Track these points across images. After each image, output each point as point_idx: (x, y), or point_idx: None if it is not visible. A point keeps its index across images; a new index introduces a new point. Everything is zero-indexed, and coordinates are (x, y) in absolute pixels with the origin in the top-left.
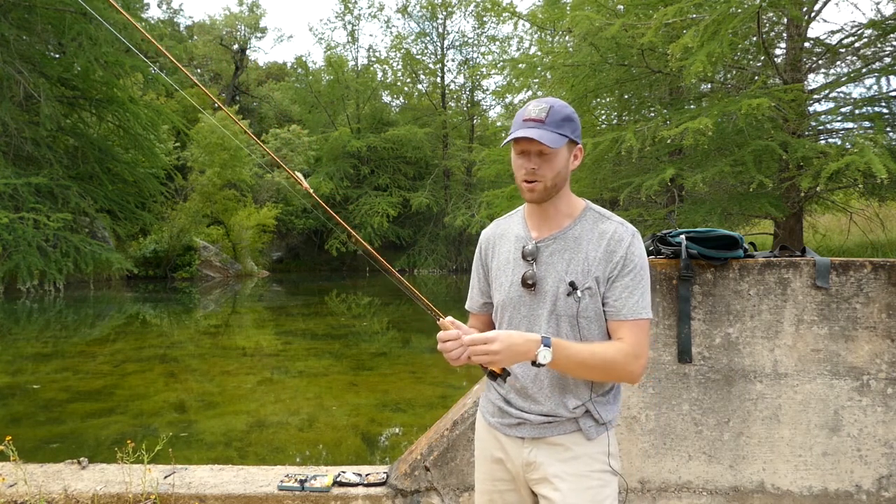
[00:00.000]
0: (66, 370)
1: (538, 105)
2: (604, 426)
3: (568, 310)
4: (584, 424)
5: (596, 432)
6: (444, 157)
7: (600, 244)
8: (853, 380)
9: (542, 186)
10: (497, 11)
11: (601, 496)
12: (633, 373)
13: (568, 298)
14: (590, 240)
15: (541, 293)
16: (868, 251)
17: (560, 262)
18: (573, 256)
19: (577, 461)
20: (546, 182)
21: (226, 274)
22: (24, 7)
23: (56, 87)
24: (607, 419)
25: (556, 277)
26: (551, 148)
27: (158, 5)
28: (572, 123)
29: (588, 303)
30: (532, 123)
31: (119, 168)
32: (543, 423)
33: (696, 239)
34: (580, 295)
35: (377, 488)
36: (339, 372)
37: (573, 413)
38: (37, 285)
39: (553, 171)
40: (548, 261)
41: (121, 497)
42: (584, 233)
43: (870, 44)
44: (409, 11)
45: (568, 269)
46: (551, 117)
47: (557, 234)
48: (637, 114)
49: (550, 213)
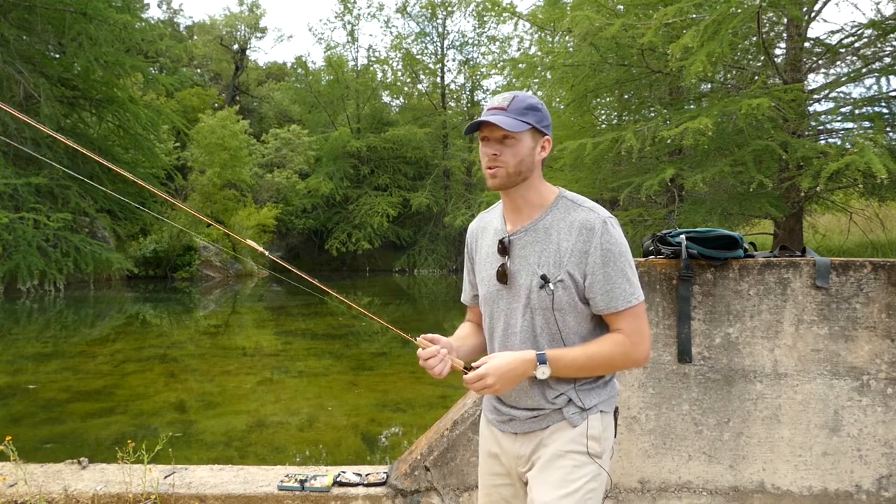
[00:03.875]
0: (67, 370)
1: (502, 95)
2: (587, 412)
3: (542, 303)
4: (567, 413)
5: (580, 418)
6: (444, 157)
7: (570, 234)
8: (853, 380)
9: (504, 172)
10: (497, 11)
11: (574, 475)
12: (638, 359)
13: (541, 292)
14: (560, 230)
15: (515, 287)
16: (868, 251)
17: (532, 254)
18: (544, 248)
19: (554, 444)
20: (508, 168)
21: (226, 274)
22: (24, 7)
23: (56, 87)
24: (591, 404)
25: (528, 271)
26: (512, 132)
27: (158, 5)
28: (538, 113)
29: (562, 295)
30: (494, 111)
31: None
32: (529, 417)
33: (696, 239)
34: (552, 287)
35: (377, 488)
36: (339, 372)
37: (555, 403)
38: (37, 285)
39: (515, 157)
40: (520, 254)
41: (121, 497)
42: (555, 223)
43: (870, 44)
44: (408, 11)
45: (540, 261)
46: (514, 105)
47: (528, 226)
48: (637, 114)
49: (520, 205)
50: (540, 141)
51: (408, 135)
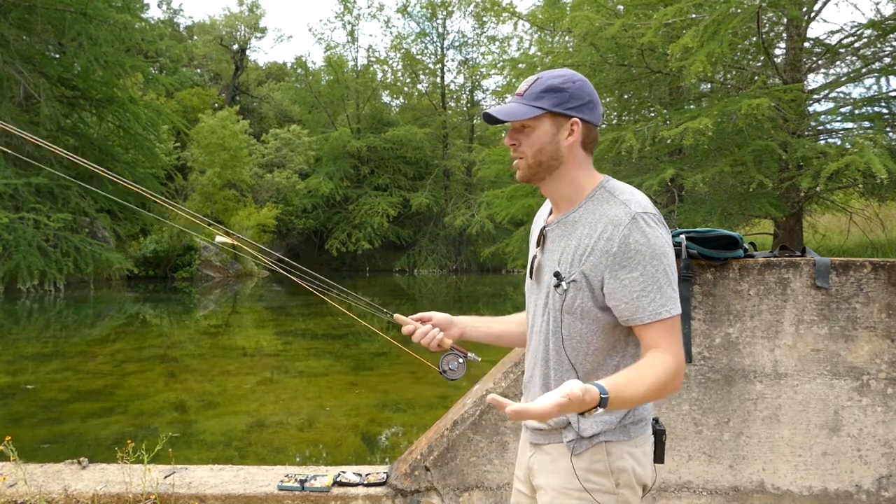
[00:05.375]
0: (67, 370)
1: (527, 79)
2: (588, 440)
3: (555, 304)
4: (565, 437)
5: (579, 447)
6: (444, 157)
7: (594, 230)
8: (853, 380)
9: (525, 164)
10: (497, 11)
11: None
12: (680, 384)
13: (555, 291)
14: (586, 224)
15: (540, 283)
16: (868, 251)
17: (557, 249)
18: (567, 244)
19: (558, 475)
20: (527, 159)
21: (226, 274)
22: (24, 7)
23: (56, 87)
24: (594, 432)
25: (550, 267)
26: (519, 121)
27: (158, 5)
28: (559, 94)
29: (573, 297)
30: (513, 98)
31: (119, 168)
32: (535, 428)
33: (696, 239)
34: (565, 287)
35: (377, 488)
36: (339, 372)
37: (555, 423)
38: (37, 285)
39: (532, 146)
40: (550, 248)
41: (121, 497)
42: (584, 216)
43: (869, 44)
44: (408, 11)
45: (560, 258)
46: (531, 90)
47: (561, 218)
48: (637, 114)
49: (558, 195)
50: (565, 125)
51: (408, 135)
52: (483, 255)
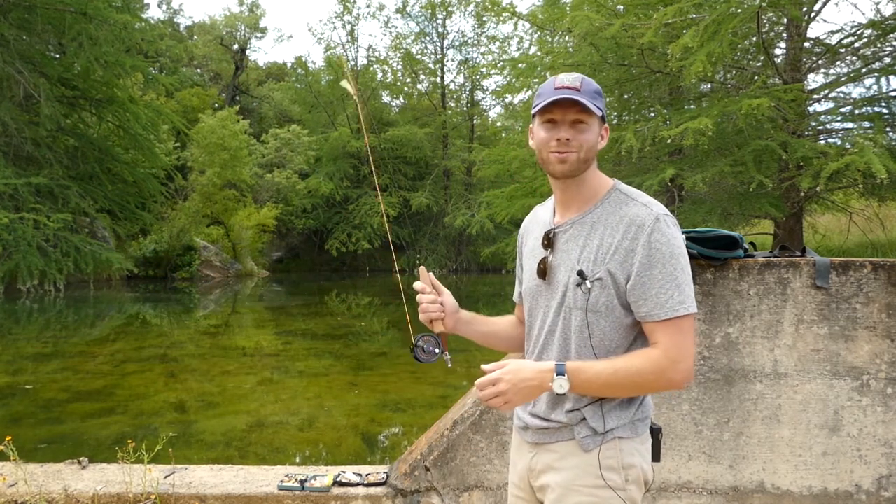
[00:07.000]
0: (67, 370)
1: (571, 75)
2: (602, 436)
3: (577, 302)
4: (578, 433)
5: (593, 443)
6: (444, 157)
7: (618, 230)
8: (853, 380)
9: (576, 157)
10: (497, 11)
11: None
12: (673, 380)
13: (577, 289)
14: (607, 224)
15: (553, 283)
16: (868, 251)
17: (574, 249)
18: (588, 243)
19: (568, 472)
20: (581, 153)
21: (226, 274)
22: (24, 7)
23: (56, 87)
24: (607, 427)
25: (568, 266)
26: (591, 114)
27: (158, 5)
28: (602, 100)
29: (598, 295)
30: (567, 91)
31: (119, 168)
32: (541, 427)
33: (696, 239)
34: (589, 286)
35: (377, 488)
36: (339, 372)
37: (568, 419)
38: (37, 285)
39: (587, 142)
40: (563, 248)
41: (121, 497)
42: (603, 217)
43: (869, 44)
44: (408, 11)
45: (581, 257)
46: (585, 87)
47: (576, 219)
48: (637, 114)
49: (573, 196)
50: (601, 128)
51: (408, 135)
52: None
